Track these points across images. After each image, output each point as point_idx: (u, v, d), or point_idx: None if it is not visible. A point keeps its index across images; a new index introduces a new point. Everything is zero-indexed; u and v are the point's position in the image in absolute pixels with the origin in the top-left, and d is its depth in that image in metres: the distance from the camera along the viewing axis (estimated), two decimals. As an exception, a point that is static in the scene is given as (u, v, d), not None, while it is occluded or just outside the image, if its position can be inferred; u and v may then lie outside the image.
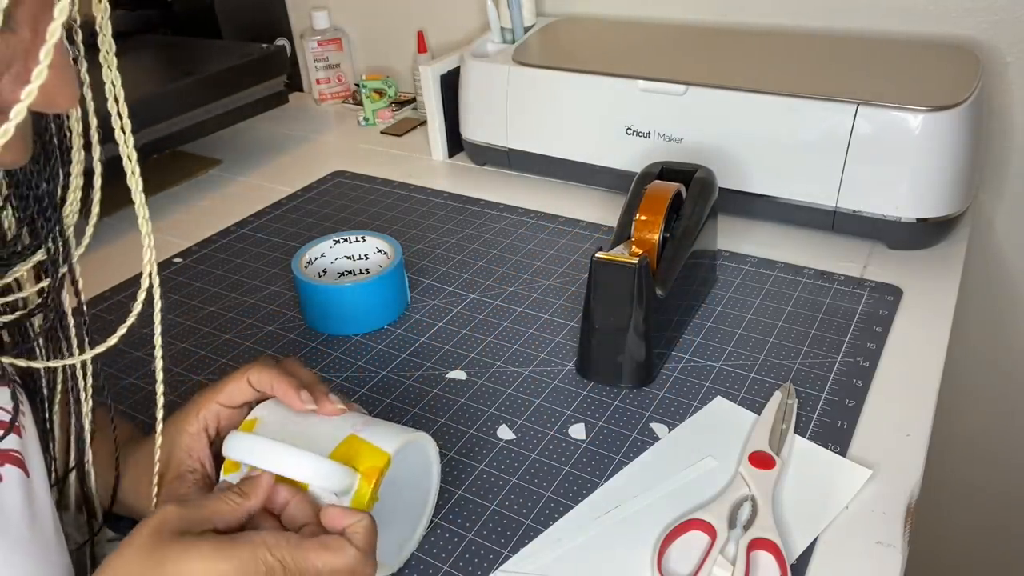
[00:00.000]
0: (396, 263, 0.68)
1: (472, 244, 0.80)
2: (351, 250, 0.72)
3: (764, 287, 0.70)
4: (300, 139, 1.12)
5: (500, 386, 0.61)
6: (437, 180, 0.95)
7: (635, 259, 0.55)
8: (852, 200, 0.71)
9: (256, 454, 0.43)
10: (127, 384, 0.64)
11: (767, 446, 0.52)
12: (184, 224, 0.89)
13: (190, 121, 0.96)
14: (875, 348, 0.61)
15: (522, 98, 0.86)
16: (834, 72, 0.76)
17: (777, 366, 0.60)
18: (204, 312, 0.72)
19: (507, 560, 0.47)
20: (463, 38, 1.13)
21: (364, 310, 0.67)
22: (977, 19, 0.80)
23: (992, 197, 0.86)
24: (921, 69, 0.75)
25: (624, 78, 0.79)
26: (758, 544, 0.45)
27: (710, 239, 0.67)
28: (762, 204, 0.76)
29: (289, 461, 0.42)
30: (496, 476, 0.53)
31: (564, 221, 0.83)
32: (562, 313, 0.69)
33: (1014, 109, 0.82)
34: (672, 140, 0.78)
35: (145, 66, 1.08)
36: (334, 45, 1.20)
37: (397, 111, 1.16)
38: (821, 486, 0.50)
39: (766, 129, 0.73)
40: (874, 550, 0.46)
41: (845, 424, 0.55)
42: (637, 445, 0.54)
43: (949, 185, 0.69)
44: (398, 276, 0.69)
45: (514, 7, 0.92)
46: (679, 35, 0.90)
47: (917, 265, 0.72)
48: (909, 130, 0.67)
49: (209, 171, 1.03)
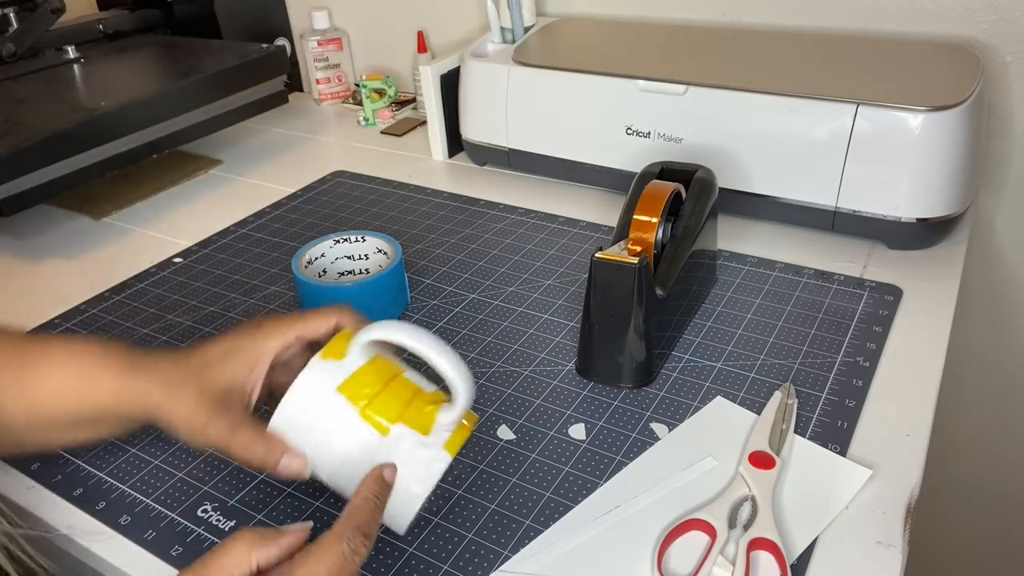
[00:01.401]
0: (396, 263, 0.68)
1: (472, 244, 0.80)
2: (351, 250, 0.72)
3: (764, 287, 0.70)
4: (300, 139, 1.12)
5: (500, 386, 0.61)
6: (437, 180, 0.95)
7: (635, 259, 0.55)
8: (852, 200, 0.71)
9: (418, 338, 0.43)
10: (127, 384, 0.64)
11: (767, 446, 0.52)
12: (184, 224, 0.89)
13: (190, 121, 0.96)
14: (875, 348, 0.62)
15: (522, 98, 0.86)
16: (834, 72, 0.76)
17: (777, 366, 0.60)
18: (204, 312, 0.72)
19: (507, 560, 0.47)
20: (463, 38, 1.13)
21: (364, 310, 0.67)
22: (977, 19, 0.80)
23: (992, 197, 0.86)
24: (921, 69, 0.75)
25: (624, 78, 0.79)
26: (758, 544, 0.45)
27: (710, 239, 0.67)
28: (762, 204, 0.76)
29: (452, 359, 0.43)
30: (496, 476, 0.53)
31: (564, 221, 0.83)
32: (562, 313, 0.69)
33: (1014, 109, 0.82)
34: (672, 140, 0.78)
35: (145, 66, 1.08)
36: (334, 45, 1.20)
37: (397, 111, 1.16)
38: (821, 486, 0.50)
39: (766, 129, 0.73)
40: (874, 550, 0.46)
41: (845, 424, 0.55)
42: (637, 445, 0.54)
43: (949, 185, 0.69)
44: (398, 276, 0.69)
45: (514, 7, 0.92)
46: (679, 35, 0.90)
47: (917, 265, 0.72)
48: (909, 130, 0.67)
49: (209, 171, 1.03)
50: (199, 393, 0.46)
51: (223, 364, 0.48)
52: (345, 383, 0.44)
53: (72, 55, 1.08)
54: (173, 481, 0.54)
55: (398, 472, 0.44)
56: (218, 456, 0.56)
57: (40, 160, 0.81)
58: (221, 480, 0.54)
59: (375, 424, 0.44)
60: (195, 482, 0.54)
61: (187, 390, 0.46)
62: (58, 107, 0.91)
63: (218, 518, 0.51)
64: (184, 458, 0.56)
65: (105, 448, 0.58)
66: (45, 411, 0.47)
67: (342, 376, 0.45)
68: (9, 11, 1.04)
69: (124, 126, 0.88)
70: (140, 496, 0.53)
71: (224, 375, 0.47)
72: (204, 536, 0.50)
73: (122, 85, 1.00)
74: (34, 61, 1.06)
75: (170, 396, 0.45)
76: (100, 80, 1.03)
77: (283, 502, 0.52)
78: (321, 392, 0.44)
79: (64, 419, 0.47)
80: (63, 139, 0.82)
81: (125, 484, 0.54)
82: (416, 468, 0.44)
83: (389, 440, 0.44)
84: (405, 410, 0.45)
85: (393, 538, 0.49)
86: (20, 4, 1.04)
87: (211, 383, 0.46)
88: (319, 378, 0.45)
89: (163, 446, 0.57)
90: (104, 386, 0.46)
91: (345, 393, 0.44)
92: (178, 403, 0.45)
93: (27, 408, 0.46)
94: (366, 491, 0.41)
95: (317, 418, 0.44)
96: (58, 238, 0.90)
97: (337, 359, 0.45)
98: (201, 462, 0.56)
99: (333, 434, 0.44)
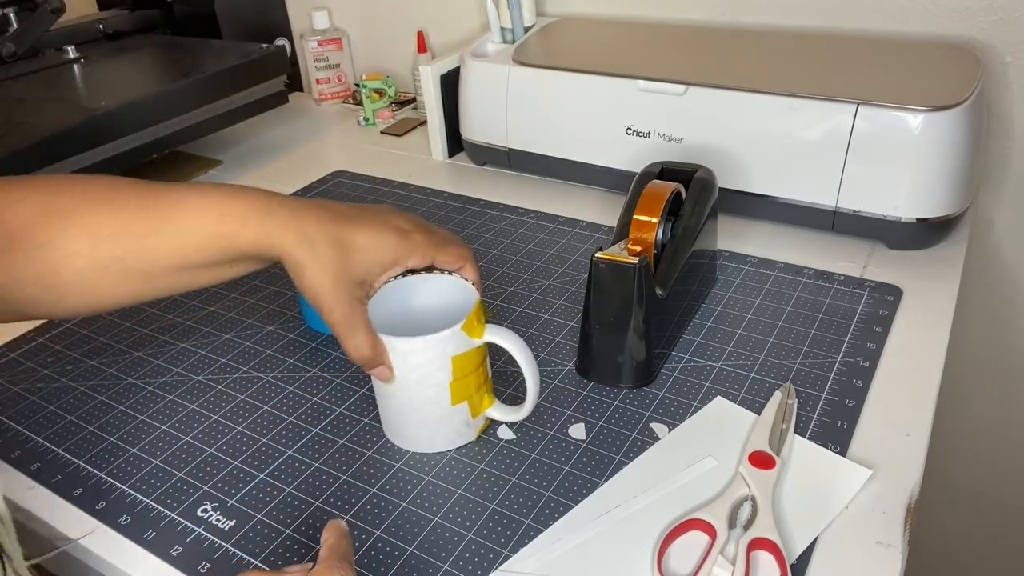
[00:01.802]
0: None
1: (472, 244, 0.80)
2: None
3: (764, 287, 0.70)
4: (300, 139, 1.12)
5: (500, 386, 0.61)
6: (437, 180, 0.95)
7: (635, 259, 0.55)
8: (852, 200, 0.71)
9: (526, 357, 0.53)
10: (127, 384, 0.64)
11: (767, 446, 0.52)
12: (184, 224, 0.89)
13: (190, 121, 0.96)
14: (875, 348, 0.62)
15: (522, 98, 0.86)
16: (834, 72, 0.76)
17: (777, 366, 0.60)
18: (204, 312, 0.72)
19: (507, 560, 0.47)
20: (463, 38, 1.13)
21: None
22: (977, 19, 0.80)
23: (992, 197, 0.86)
24: (921, 69, 0.75)
25: (624, 78, 0.79)
26: (758, 544, 0.45)
27: (710, 239, 0.67)
28: (762, 204, 0.76)
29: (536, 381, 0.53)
30: (496, 476, 0.53)
31: (564, 221, 0.83)
32: (562, 313, 0.69)
33: (1014, 109, 0.82)
34: (672, 140, 0.78)
35: (145, 66, 1.08)
36: (334, 45, 1.20)
37: (397, 111, 1.16)
38: (821, 486, 0.50)
39: (766, 129, 0.73)
40: (874, 550, 0.46)
41: (845, 424, 0.55)
42: (637, 445, 0.54)
43: (949, 185, 0.69)
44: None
45: (514, 7, 0.92)
46: (679, 35, 0.90)
47: (917, 265, 0.72)
48: (909, 130, 0.67)
49: (209, 171, 1.03)
50: (338, 275, 0.48)
51: (365, 255, 0.50)
52: (460, 356, 0.52)
53: (72, 55, 1.08)
54: (173, 481, 0.54)
55: (439, 431, 0.54)
56: (218, 456, 0.56)
57: (40, 160, 0.81)
58: (221, 480, 0.54)
59: (454, 394, 0.53)
60: (195, 482, 0.54)
61: (328, 266, 0.48)
62: (58, 107, 0.91)
63: (218, 518, 0.51)
64: (184, 458, 0.56)
65: (105, 448, 0.58)
66: (189, 258, 0.48)
67: (462, 349, 0.52)
68: (9, 11, 1.04)
69: (124, 126, 0.88)
70: (140, 496, 0.53)
71: (363, 267, 0.50)
72: (204, 536, 0.50)
73: (122, 85, 1.00)
74: (34, 61, 1.06)
75: (311, 264, 0.48)
76: (100, 80, 1.03)
77: (283, 502, 0.52)
78: (443, 352, 0.52)
79: (206, 263, 0.49)
80: (63, 139, 0.82)
81: (125, 484, 0.54)
82: (452, 435, 0.55)
83: (453, 409, 0.54)
84: (475, 394, 0.55)
85: (393, 538, 0.49)
86: (20, 4, 1.04)
87: (352, 270, 0.49)
88: (448, 343, 0.52)
89: (163, 446, 0.57)
90: (246, 236, 0.47)
91: (453, 364, 0.52)
92: (317, 273, 0.48)
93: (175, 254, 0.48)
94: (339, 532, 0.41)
95: (425, 365, 0.52)
96: (58, 238, 0.90)
97: (470, 335, 0.52)
98: (201, 462, 0.56)
99: (424, 383, 0.53)
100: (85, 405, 0.62)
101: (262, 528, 0.50)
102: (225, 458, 0.56)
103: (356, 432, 0.57)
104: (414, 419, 0.54)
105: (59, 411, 0.62)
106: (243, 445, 0.57)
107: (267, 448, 0.56)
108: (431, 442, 0.55)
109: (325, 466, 0.55)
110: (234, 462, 0.55)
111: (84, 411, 0.61)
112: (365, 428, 0.58)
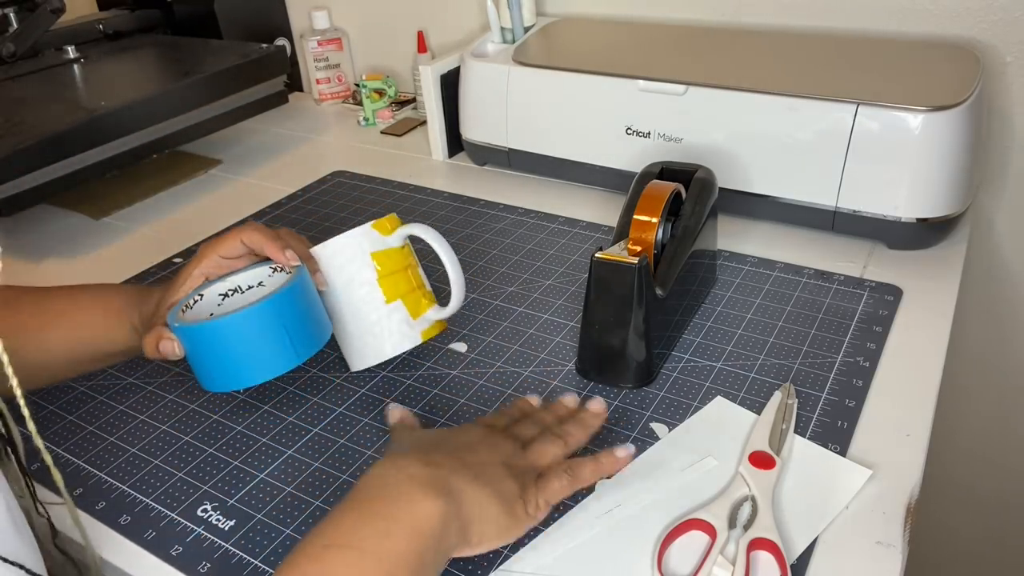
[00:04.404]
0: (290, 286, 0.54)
1: (472, 244, 0.80)
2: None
3: (764, 287, 0.70)
4: (300, 139, 1.12)
5: (500, 386, 0.61)
6: (437, 180, 0.95)
7: (635, 259, 0.55)
8: (852, 200, 0.71)
9: (444, 247, 0.58)
10: (127, 384, 0.64)
11: (767, 446, 0.52)
12: (184, 224, 0.89)
13: (190, 121, 0.96)
14: (875, 348, 0.61)
15: (522, 98, 0.86)
16: (834, 72, 0.76)
17: (777, 366, 0.60)
18: (204, 312, 0.72)
19: (507, 560, 0.47)
20: (463, 38, 1.13)
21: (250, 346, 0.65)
22: (977, 19, 0.80)
23: (992, 197, 0.86)
24: (921, 69, 0.75)
25: (624, 78, 0.79)
26: (758, 544, 0.45)
27: (710, 239, 0.67)
28: (762, 204, 0.76)
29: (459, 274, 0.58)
30: (496, 476, 0.53)
31: (564, 221, 0.83)
32: (562, 313, 0.69)
33: (1014, 109, 0.82)
34: (672, 140, 0.78)
35: (145, 66, 1.08)
36: (334, 45, 1.20)
37: (397, 111, 1.16)
38: (821, 486, 0.50)
39: (766, 129, 0.73)
40: (874, 550, 0.46)
41: (845, 424, 0.55)
42: (637, 445, 0.54)
43: (949, 185, 0.69)
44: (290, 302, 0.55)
45: (514, 7, 0.92)
46: (679, 35, 0.90)
47: (917, 265, 0.72)
48: (909, 130, 0.67)
49: (209, 171, 1.03)
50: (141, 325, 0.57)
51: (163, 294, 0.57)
52: (379, 252, 0.58)
53: (72, 55, 1.08)
54: (173, 481, 0.54)
55: (382, 333, 0.59)
56: (218, 456, 0.56)
57: (40, 160, 0.81)
58: (221, 480, 0.54)
59: (385, 291, 0.58)
60: (195, 482, 0.54)
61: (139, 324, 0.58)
62: (58, 107, 0.91)
63: (218, 518, 0.51)
64: (184, 458, 0.56)
65: (105, 448, 0.58)
66: (80, 353, 0.59)
67: (380, 247, 0.58)
68: (9, 11, 1.04)
69: (124, 126, 0.88)
70: (140, 496, 0.53)
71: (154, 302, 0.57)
72: (204, 536, 0.50)
73: (122, 85, 1.00)
74: (34, 61, 1.06)
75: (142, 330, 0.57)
76: (100, 80, 1.03)
77: (283, 501, 0.52)
78: (361, 248, 0.57)
79: (94, 357, 0.60)
80: (63, 139, 0.82)
81: (125, 484, 0.54)
82: (396, 337, 0.59)
83: (388, 307, 0.58)
84: (408, 294, 0.59)
85: (393, 538, 0.49)
86: (20, 4, 1.04)
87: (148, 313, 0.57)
88: (363, 239, 0.58)
89: (163, 446, 0.57)
90: (125, 329, 0.58)
91: (376, 260, 0.58)
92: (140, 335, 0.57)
93: (66, 351, 0.58)
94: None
95: (348, 264, 0.57)
96: (58, 238, 0.90)
97: (382, 233, 0.58)
98: (201, 462, 0.56)
99: (353, 283, 0.57)
100: (85, 405, 0.62)
101: (262, 528, 0.50)
102: (225, 458, 0.56)
103: (356, 432, 0.57)
104: (358, 326, 0.58)
105: (59, 411, 0.62)
106: (243, 445, 0.57)
107: (267, 448, 0.57)
108: (380, 349, 0.59)
109: (325, 466, 0.55)
110: (234, 462, 0.55)
111: (84, 411, 0.61)
112: (365, 428, 0.58)
